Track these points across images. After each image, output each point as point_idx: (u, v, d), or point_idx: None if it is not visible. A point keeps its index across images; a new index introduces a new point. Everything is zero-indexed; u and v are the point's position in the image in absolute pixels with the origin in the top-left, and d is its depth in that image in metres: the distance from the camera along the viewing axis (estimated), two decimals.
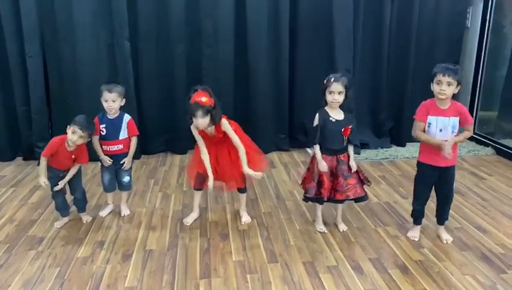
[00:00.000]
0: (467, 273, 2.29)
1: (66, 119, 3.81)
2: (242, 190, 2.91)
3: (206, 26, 4.04)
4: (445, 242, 2.59)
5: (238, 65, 4.22)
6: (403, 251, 2.52)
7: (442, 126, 2.40)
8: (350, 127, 2.57)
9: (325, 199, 2.61)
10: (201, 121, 2.57)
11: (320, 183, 2.60)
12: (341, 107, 2.58)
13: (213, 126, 2.65)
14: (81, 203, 2.90)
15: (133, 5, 3.92)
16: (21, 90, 3.91)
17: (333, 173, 2.60)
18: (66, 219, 2.87)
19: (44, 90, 3.91)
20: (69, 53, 3.90)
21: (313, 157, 2.63)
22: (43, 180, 2.66)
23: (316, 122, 2.58)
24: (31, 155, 4.05)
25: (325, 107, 2.58)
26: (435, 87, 2.39)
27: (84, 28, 3.85)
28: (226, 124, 2.65)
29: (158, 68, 4.12)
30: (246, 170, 2.66)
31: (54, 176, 2.74)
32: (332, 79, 2.51)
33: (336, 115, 2.57)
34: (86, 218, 2.91)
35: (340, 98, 2.52)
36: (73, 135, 2.61)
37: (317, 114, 2.58)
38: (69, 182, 2.80)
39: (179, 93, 4.14)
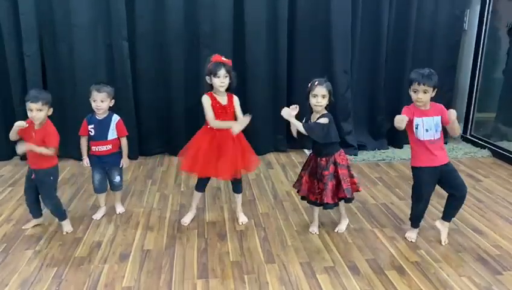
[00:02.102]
0: (463, 275, 2.31)
1: (64, 118, 3.87)
2: (237, 190, 2.91)
3: (204, 28, 4.05)
4: (443, 243, 2.60)
5: (236, 66, 4.16)
6: (400, 252, 2.53)
7: (428, 126, 2.45)
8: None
9: (301, 196, 2.75)
10: (224, 80, 2.62)
11: (299, 178, 2.73)
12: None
13: (225, 96, 2.69)
14: (56, 214, 2.73)
15: (131, 6, 3.92)
16: (19, 89, 3.91)
17: (312, 173, 2.65)
18: (34, 222, 2.78)
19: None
20: (67, 53, 3.91)
21: (309, 157, 2.70)
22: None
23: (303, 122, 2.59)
24: None
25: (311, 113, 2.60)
26: (412, 95, 2.46)
27: (82, 28, 3.86)
28: (238, 100, 2.72)
29: (156, 69, 4.12)
30: (237, 126, 2.63)
31: (28, 174, 2.69)
32: (316, 82, 2.53)
33: (315, 119, 2.58)
34: (66, 229, 2.73)
35: (324, 102, 2.52)
36: (31, 112, 2.47)
37: (304, 119, 2.63)
38: (39, 191, 2.67)
39: (177, 94, 4.15)
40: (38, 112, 2.49)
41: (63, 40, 3.89)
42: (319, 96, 2.51)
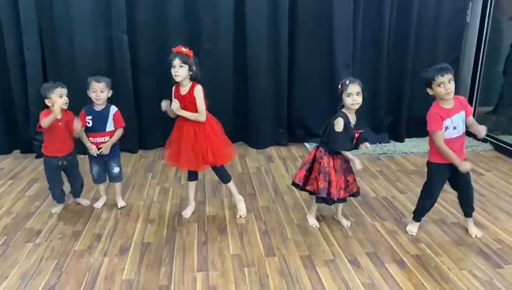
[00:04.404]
0: (464, 268, 2.30)
1: None
2: (224, 180, 2.86)
3: (205, 21, 4.02)
4: (473, 237, 2.59)
5: (237, 60, 4.20)
6: (400, 245, 2.53)
7: (455, 124, 2.41)
8: (360, 131, 2.55)
9: (336, 199, 2.57)
10: (178, 70, 2.57)
11: (329, 183, 2.55)
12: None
13: (188, 86, 2.64)
14: (82, 188, 3.01)
15: None
16: (19, 82, 3.91)
17: (337, 171, 2.57)
18: (62, 205, 2.94)
19: (42, 83, 3.89)
20: (67, 45, 3.89)
21: (319, 158, 2.57)
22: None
23: (340, 128, 2.47)
24: (29, 148, 4.05)
25: (343, 110, 2.51)
26: (439, 90, 2.36)
27: (82, 20, 3.84)
28: (199, 90, 2.63)
29: (156, 62, 4.09)
30: (180, 112, 2.64)
31: (53, 166, 2.77)
32: (348, 81, 2.47)
33: (352, 119, 2.53)
34: (85, 202, 3.02)
35: (360, 99, 2.46)
36: (62, 98, 2.62)
37: (340, 119, 2.47)
38: (67, 172, 2.87)
39: None
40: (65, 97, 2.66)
41: (62, 33, 3.87)
42: (354, 94, 2.44)
